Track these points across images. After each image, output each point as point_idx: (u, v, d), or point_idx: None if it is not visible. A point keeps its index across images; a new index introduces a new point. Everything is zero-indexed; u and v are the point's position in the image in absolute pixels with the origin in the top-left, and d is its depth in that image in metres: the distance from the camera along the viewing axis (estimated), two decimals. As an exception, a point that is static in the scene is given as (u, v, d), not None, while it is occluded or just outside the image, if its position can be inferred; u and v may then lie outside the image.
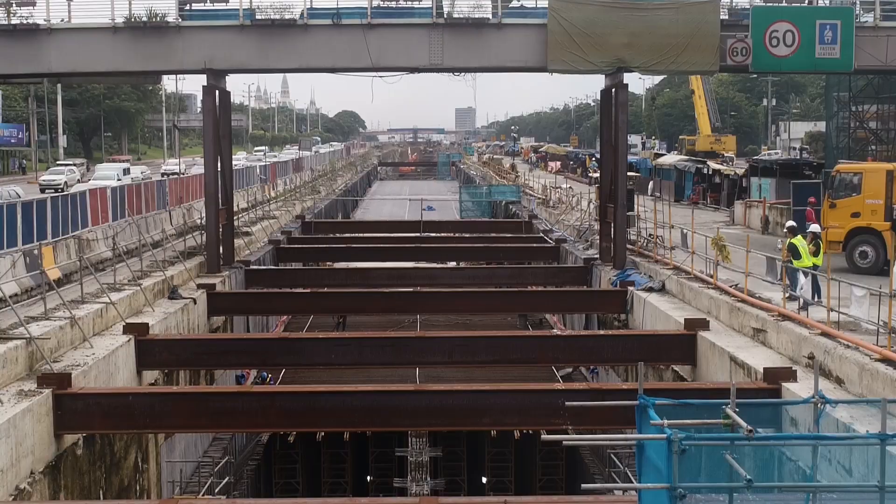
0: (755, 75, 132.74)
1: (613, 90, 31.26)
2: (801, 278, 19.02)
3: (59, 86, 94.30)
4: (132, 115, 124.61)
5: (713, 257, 24.18)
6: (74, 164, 77.47)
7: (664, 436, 8.98)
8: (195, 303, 25.84)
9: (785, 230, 22.86)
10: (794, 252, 20.35)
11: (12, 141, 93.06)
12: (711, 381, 17.95)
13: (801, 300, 19.18)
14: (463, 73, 33.62)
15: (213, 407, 16.27)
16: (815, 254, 21.14)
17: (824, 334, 17.16)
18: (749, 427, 9.02)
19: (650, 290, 26.31)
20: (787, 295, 19.54)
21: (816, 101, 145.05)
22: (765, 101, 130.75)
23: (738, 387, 16.89)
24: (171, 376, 22.46)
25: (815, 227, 22.55)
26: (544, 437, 8.75)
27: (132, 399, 16.12)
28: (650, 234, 32.18)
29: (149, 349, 20.55)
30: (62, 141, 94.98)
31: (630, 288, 27.11)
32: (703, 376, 20.31)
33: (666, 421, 9.43)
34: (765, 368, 16.52)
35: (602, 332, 24.18)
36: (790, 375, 16.28)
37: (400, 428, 15.25)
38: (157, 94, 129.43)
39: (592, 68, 30.20)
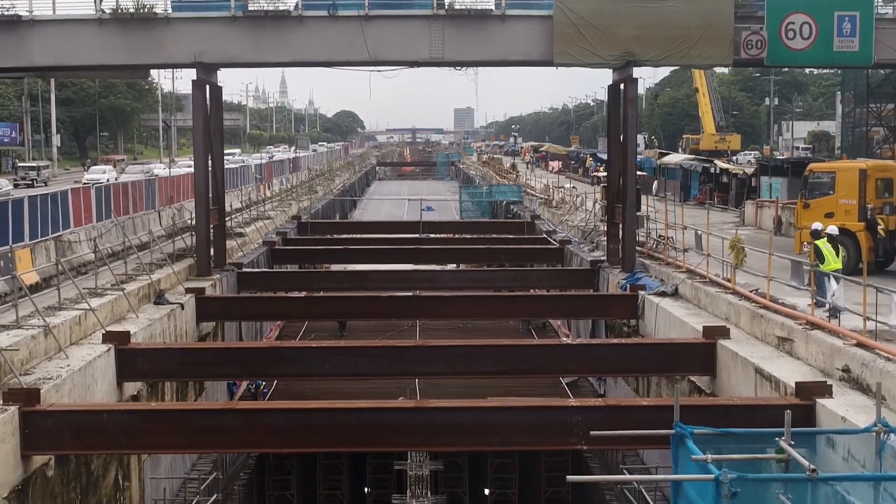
0: (757, 74, 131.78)
1: (622, 85, 29.91)
2: (834, 284, 17.63)
3: (52, 84, 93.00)
4: (128, 114, 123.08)
5: (730, 260, 22.84)
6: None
7: (711, 476, 7.64)
8: (182, 308, 24.48)
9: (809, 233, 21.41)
10: (818, 256, 18.99)
11: (5, 140, 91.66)
12: (738, 396, 16.57)
13: (830, 307, 17.82)
14: (464, 68, 32.29)
15: (196, 425, 14.90)
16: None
17: (860, 345, 15.81)
18: (812, 466, 7.65)
19: (662, 294, 24.96)
20: (814, 301, 18.18)
21: (819, 100, 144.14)
22: (767, 101, 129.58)
23: (767, 402, 15.66)
24: (155, 388, 21.12)
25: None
26: (569, 478, 7.44)
27: (106, 417, 14.73)
28: (660, 236, 30.85)
29: (130, 359, 19.18)
30: (56, 140, 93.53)
31: (641, 292, 25.75)
32: (723, 388, 18.95)
33: (710, 456, 8.11)
34: (797, 383, 15.13)
35: (615, 340, 22.83)
36: (825, 390, 14.91)
37: (399, 448, 13.92)
38: (153, 93, 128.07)
39: (600, 62, 28.85)
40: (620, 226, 29.88)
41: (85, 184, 47.10)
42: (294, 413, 14.79)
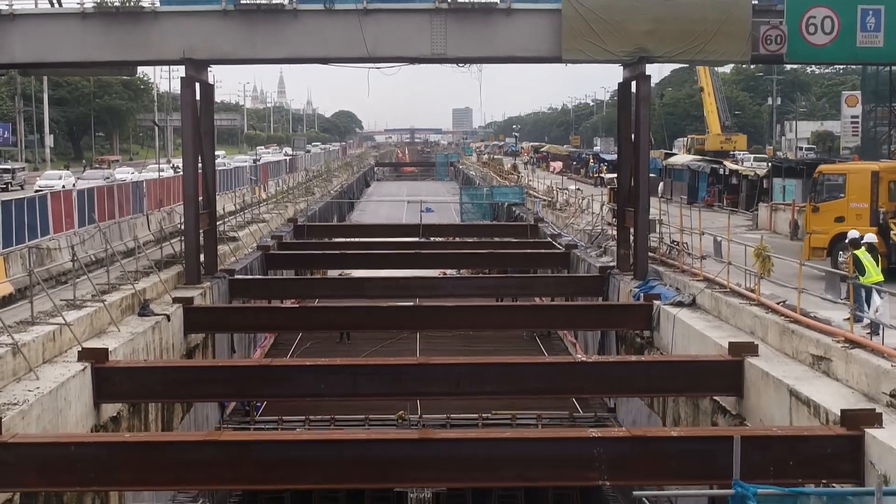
0: (760, 73, 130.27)
1: (634, 82, 28.41)
2: (877, 299, 16.11)
3: (45, 83, 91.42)
4: (123, 113, 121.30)
5: (755, 269, 21.30)
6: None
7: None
8: (169, 319, 22.94)
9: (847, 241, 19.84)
10: (858, 266, 17.47)
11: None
12: (778, 426, 14.95)
13: (871, 323, 16.30)
14: (468, 65, 30.74)
15: (176, 458, 13.40)
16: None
17: (909, 367, 14.32)
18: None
19: (680, 304, 23.45)
20: (852, 316, 16.66)
21: (822, 99, 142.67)
22: (769, 100, 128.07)
23: (811, 433, 14.10)
24: (137, 407, 19.59)
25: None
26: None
27: (74, 449, 13.20)
28: (673, 241, 29.35)
29: (108, 378, 17.68)
30: (48, 141, 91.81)
31: (656, 302, 24.24)
32: (752, 409, 17.43)
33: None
34: (843, 410, 13.61)
35: (633, 357, 21.28)
36: (874, 419, 13.38)
37: (401, 484, 12.48)
38: (149, 92, 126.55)
39: (611, 58, 27.38)
40: (632, 230, 28.43)
41: (38, 191, 42.48)
42: (284, 446, 13.27)
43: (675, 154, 68.24)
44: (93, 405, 17.53)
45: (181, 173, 30.34)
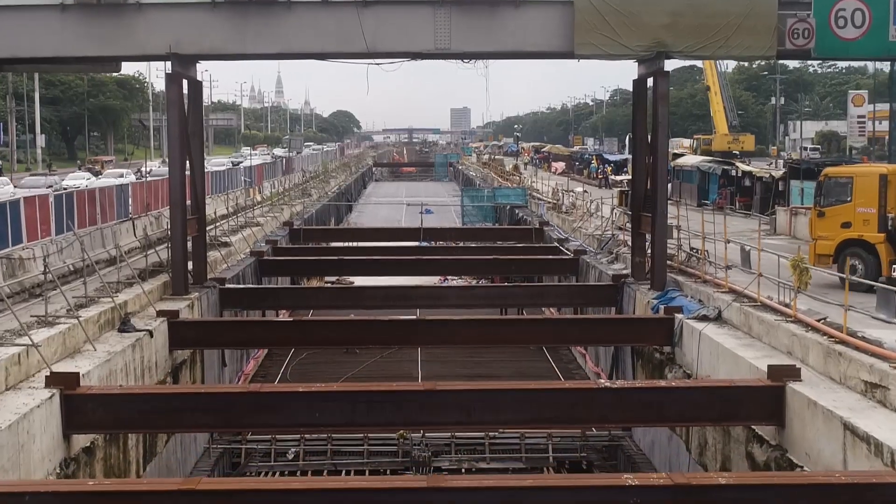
0: (764, 73, 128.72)
1: (651, 79, 26.65)
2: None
3: (36, 82, 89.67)
4: (118, 113, 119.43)
5: (792, 281, 19.52)
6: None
7: None
8: (151, 336, 21.13)
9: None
10: (913, 281, 15.74)
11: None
12: (842, 471, 13.08)
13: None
14: (473, 61, 28.94)
15: (146, 510, 11.68)
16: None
17: None
18: None
19: (704, 318, 21.67)
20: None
21: (826, 99, 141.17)
22: (773, 100, 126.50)
23: (879, 480, 12.29)
24: (114, 436, 17.78)
25: None
26: None
27: (29, 500, 11.41)
28: (693, 248, 27.58)
29: (80, 407, 15.89)
30: (40, 141, 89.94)
31: (678, 316, 22.46)
32: (795, 441, 15.63)
33: None
34: (916, 454, 11.83)
35: (663, 383, 19.38)
36: (953, 465, 11.62)
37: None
38: (143, 91, 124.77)
39: (627, 53, 25.62)
40: (648, 236, 26.67)
41: None
42: (272, 495, 11.46)
43: (684, 154, 66.48)
44: (62, 437, 15.75)
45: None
